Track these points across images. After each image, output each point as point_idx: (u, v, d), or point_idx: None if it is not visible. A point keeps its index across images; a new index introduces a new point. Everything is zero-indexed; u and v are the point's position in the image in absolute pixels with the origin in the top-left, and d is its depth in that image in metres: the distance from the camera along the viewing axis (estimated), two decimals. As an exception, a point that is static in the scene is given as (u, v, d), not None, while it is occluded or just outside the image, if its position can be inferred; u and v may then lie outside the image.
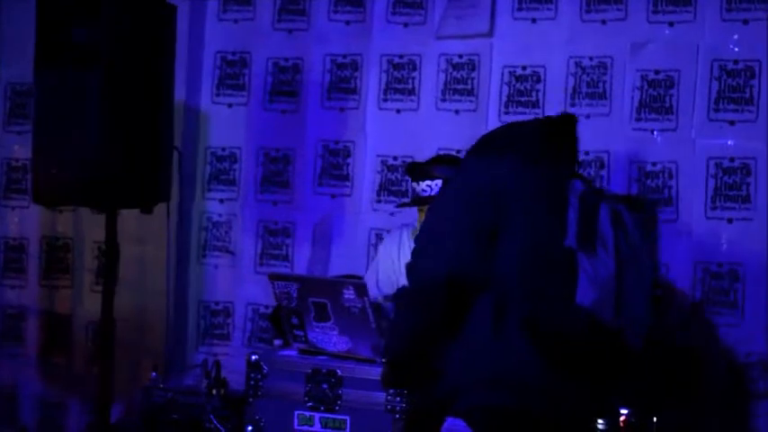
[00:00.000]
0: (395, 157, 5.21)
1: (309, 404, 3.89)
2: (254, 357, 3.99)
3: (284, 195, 5.41)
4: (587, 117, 4.93)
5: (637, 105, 4.89)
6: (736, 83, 4.76)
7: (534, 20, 5.05)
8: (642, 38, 4.90)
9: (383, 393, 3.77)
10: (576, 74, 4.99)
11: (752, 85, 4.74)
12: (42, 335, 5.68)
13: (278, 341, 4.29)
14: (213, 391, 4.37)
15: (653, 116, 4.87)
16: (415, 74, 5.24)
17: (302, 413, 3.90)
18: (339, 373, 3.87)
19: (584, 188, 2.95)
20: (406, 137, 5.18)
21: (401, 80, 5.25)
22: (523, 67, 5.07)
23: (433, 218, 3.15)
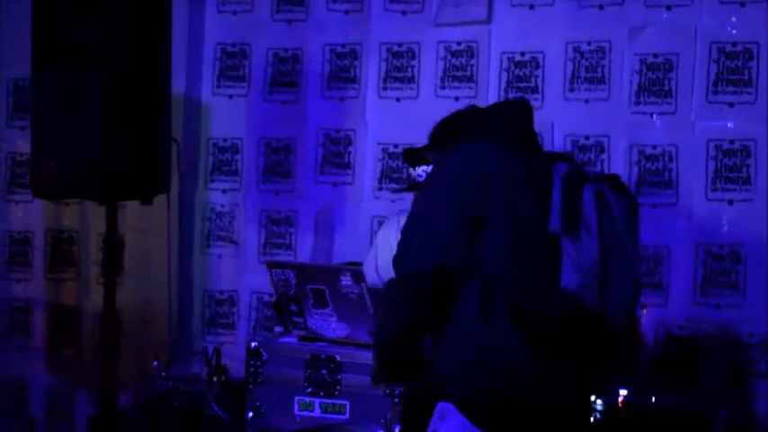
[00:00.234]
0: (395, 145, 5.22)
1: (309, 390, 3.90)
2: (253, 344, 3.99)
3: (286, 185, 5.43)
4: (586, 102, 4.95)
5: (636, 89, 4.89)
6: (735, 65, 4.76)
7: (532, 6, 5.06)
8: (640, 22, 4.90)
9: (381, 377, 3.79)
10: (575, 59, 4.99)
11: (750, 67, 4.74)
12: (49, 327, 5.72)
13: (279, 328, 4.30)
14: (214, 379, 4.40)
15: (652, 99, 4.87)
16: (415, 62, 5.25)
17: (302, 399, 3.91)
18: (338, 358, 3.88)
19: (567, 169, 2.94)
20: (407, 125, 5.17)
21: (400, 68, 5.27)
22: (522, 54, 5.08)
23: (418, 206, 3.14)
